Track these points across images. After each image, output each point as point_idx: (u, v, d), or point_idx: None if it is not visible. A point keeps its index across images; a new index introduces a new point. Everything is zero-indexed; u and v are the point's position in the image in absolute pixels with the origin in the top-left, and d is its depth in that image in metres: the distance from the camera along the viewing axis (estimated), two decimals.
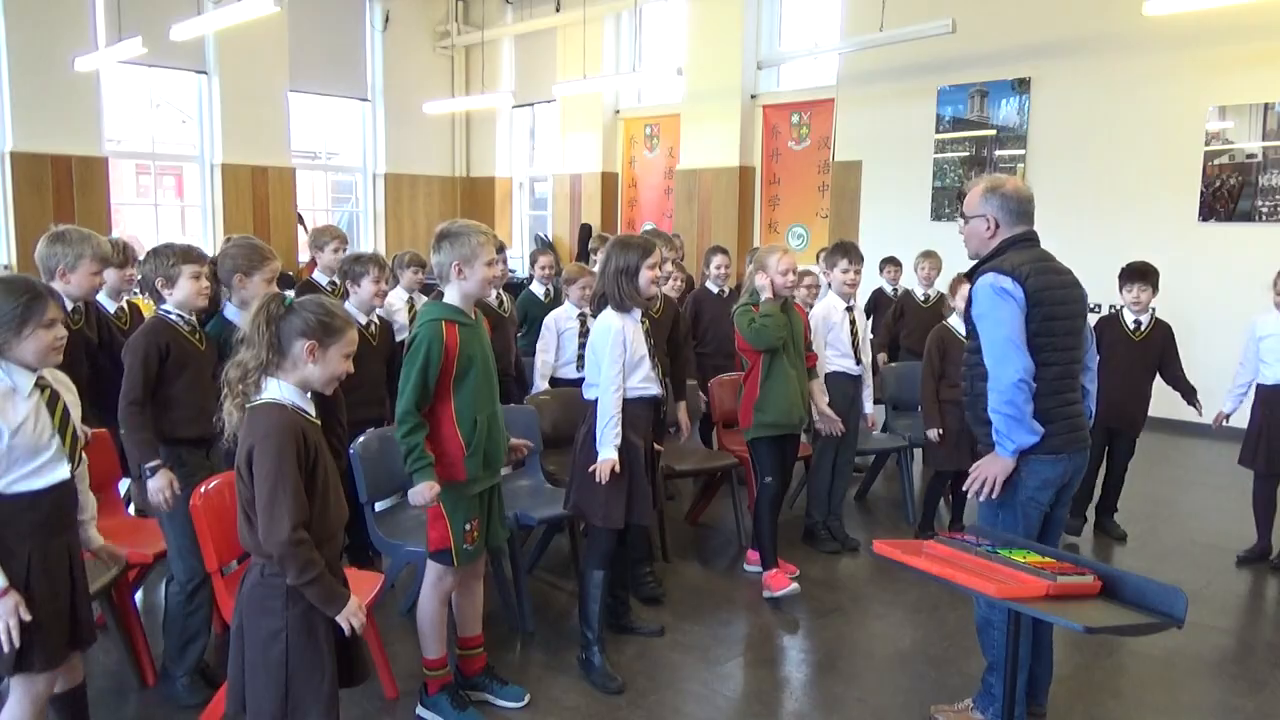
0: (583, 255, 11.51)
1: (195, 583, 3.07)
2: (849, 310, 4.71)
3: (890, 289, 6.74)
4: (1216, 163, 7.41)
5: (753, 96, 10.71)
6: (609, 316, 3.38)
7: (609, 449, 3.28)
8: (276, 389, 2.22)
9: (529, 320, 5.61)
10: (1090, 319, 3.11)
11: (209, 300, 3.30)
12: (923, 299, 6.18)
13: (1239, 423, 4.70)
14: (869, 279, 7.25)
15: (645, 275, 3.35)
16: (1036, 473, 2.84)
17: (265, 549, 2.15)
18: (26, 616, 2.24)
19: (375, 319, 4.24)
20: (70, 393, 2.48)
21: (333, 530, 2.32)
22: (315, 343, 2.21)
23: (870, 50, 8.79)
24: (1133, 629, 2.22)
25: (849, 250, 4.65)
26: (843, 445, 4.74)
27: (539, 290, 5.83)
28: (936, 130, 9.04)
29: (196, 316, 3.22)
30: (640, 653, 3.58)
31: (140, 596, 3.80)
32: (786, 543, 4.91)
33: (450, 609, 3.16)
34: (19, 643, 2.24)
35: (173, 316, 3.11)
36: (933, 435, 4.77)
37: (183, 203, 12.38)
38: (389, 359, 4.19)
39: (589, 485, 3.35)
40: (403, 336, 4.76)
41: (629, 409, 3.37)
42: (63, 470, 2.38)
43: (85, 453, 2.52)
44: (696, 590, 4.26)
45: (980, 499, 2.89)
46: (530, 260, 6.36)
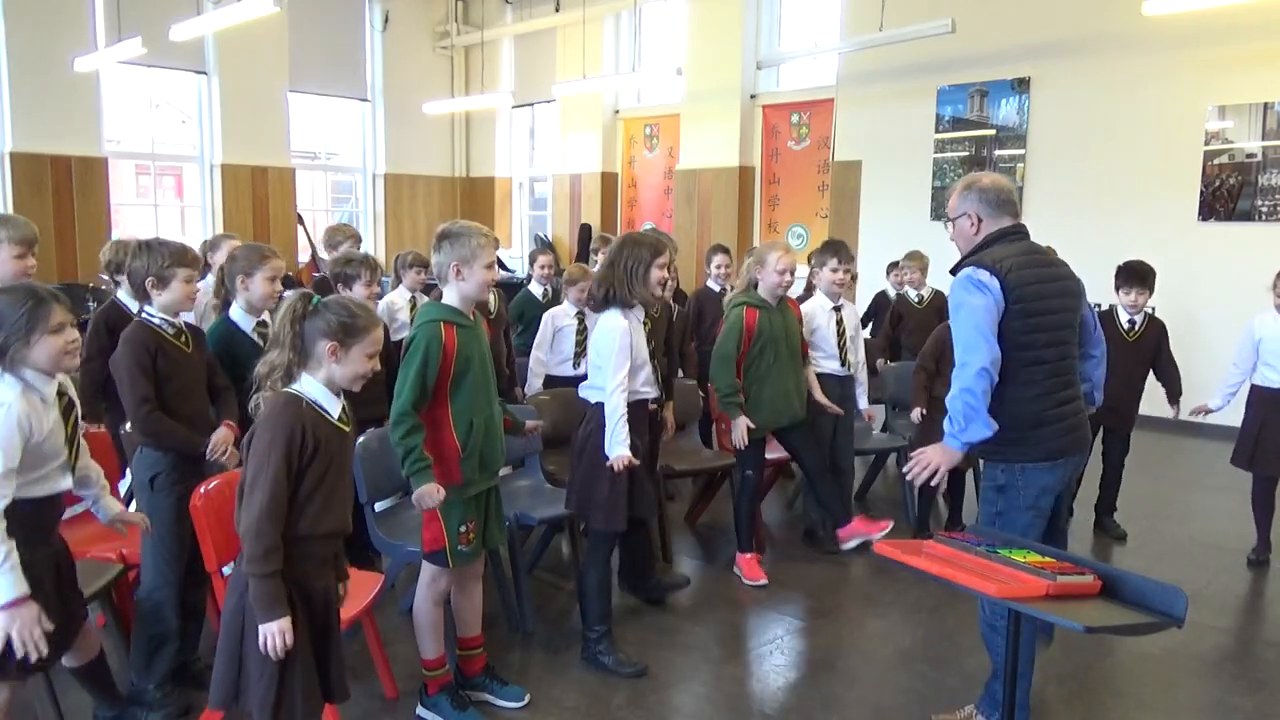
0: (583, 255, 11.51)
1: (163, 591, 2.97)
2: (836, 310, 4.66)
3: (894, 292, 6.73)
4: (1216, 162, 7.41)
5: (752, 96, 10.71)
6: (613, 317, 3.36)
7: (621, 447, 3.28)
8: (304, 383, 2.28)
9: (525, 320, 5.60)
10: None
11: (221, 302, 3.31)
12: (917, 300, 6.13)
13: (1225, 420, 4.71)
14: (875, 282, 7.29)
15: (655, 274, 3.37)
16: (1034, 481, 2.78)
17: (239, 529, 2.18)
18: (49, 626, 2.23)
19: None
20: (77, 401, 2.50)
21: (329, 530, 2.31)
22: (337, 344, 2.25)
23: (870, 50, 8.79)
24: (1132, 629, 2.22)
25: (839, 249, 4.61)
26: (837, 446, 4.70)
27: (537, 290, 5.83)
28: (936, 130, 9.04)
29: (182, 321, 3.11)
30: (641, 652, 3.58)
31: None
32: (787, 542, 4.93)
33: (449, 609, 3.16)
34: (45, 651, 2.23)
35: (155, 321, 2.98)
36: (915, 416, 4.73)
37: (182, 203, 12.38)
38: (386, 359, 4.19)
39: (590, 487, 3.35)
40: (401, 336, 4.77)
41: (630, 410, 3.37)
42: (65, 482, 2.39)
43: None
44: (696, 590, 4.26)
45: (918, 482, 2.83)
46: (530, 260, 6.36)
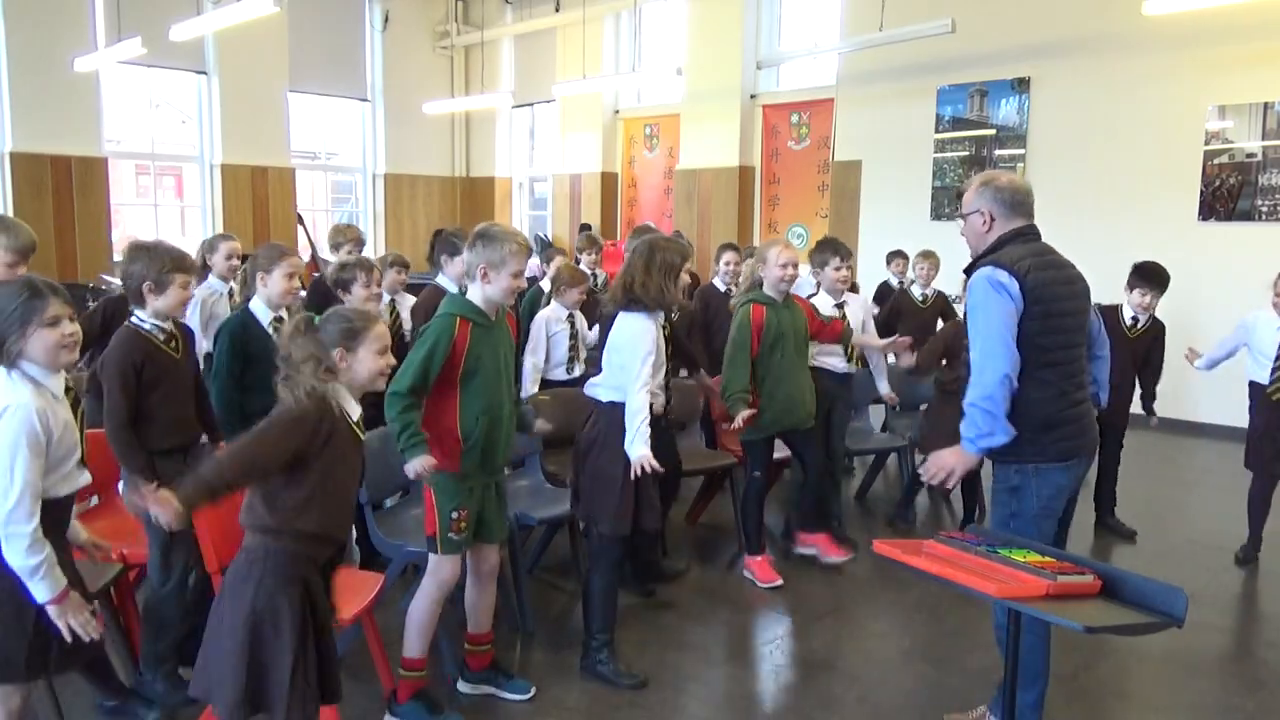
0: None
1: (167, 587, 3.01)
2: (839, 307, 4.67)
3: (896, 281, 6.73)
4: (1216, 162, 7.41)
5: (752, 96, 10.71)
6: (641, 319, 3.32)
7: (642, 446, 3.23)
8: (333, 389, 2.35)
9: (532, 315, 5.59)
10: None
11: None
12: (920, 299, 6.15)
13: (1225, 420, 4.67)
14: (877, 273, 7.29)
15: (684, 278, 3.45)
16: (1050, 481, 2.77)
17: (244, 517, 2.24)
18: (92, 608, 2.28)
19: None
20: (82, 397, 2.51)
21: (329, 532, 2.34)
22: (343, 349, 2.34)
23: (870, 50, 8.79)
24: (1133, 628, 2.22)
25: (838, 247, 4.62)
26: (829, 444, 4.66)
27: (548, 287, 5.83)
28: (936, 130, 9.04)
29: (176, 324, 3.11)
30: (640, 652, 3.58)
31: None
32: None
33: (461, 605, 3.19)
34: (97, 635, 2.27)
35: (146, 326, 2.97)
36: (906, 358, 4.68)
37: (182, 203, 12.38)
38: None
39: (598, 490, 3.32)
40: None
41: None
42: (85, 477, 2.40)
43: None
44: (696, 590, 4.25)
45: (934, 484, 2.82)
46: (545, 260, 6.40)
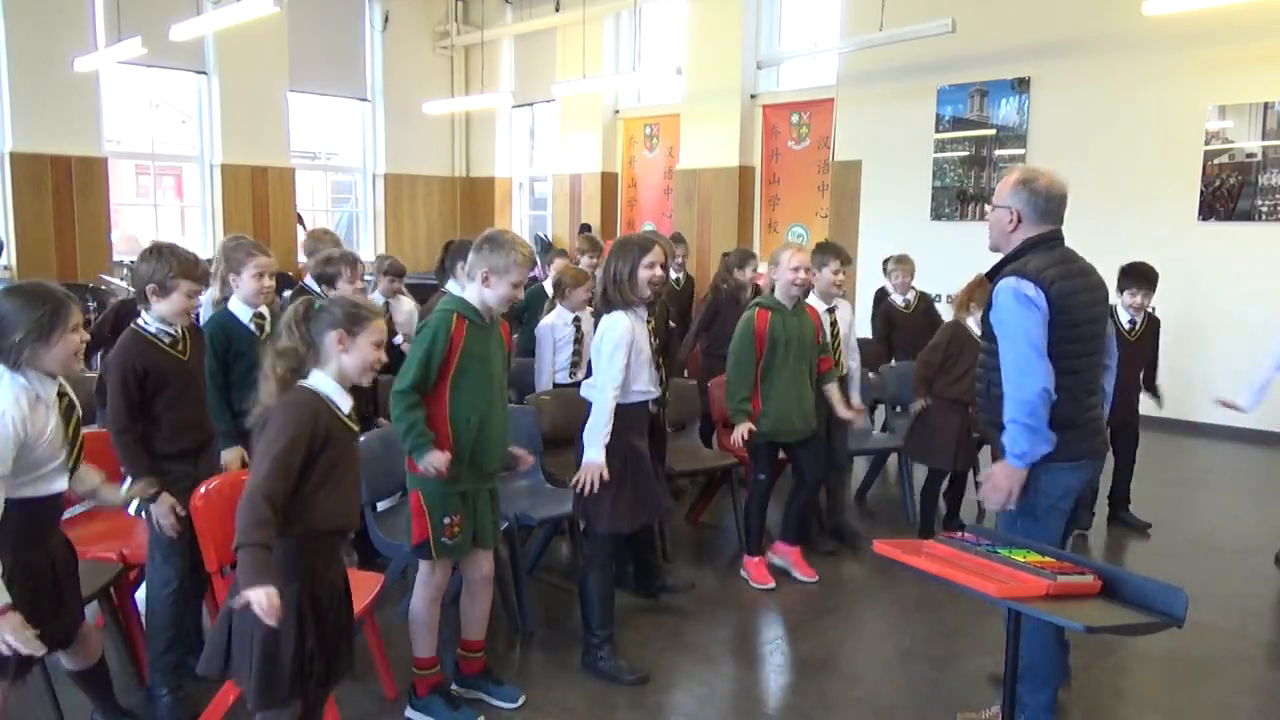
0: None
1: (168, 590, 2.99)
2: (830, 312, 4.62)
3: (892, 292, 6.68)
4: (1216, 162, 7.41)
5: (752, 96, 10.71)
6: (617, 317, 3.34)
7: (597, 450, 3.23)
8: (315, 379, 2.32)
9: (531, 313, 5.60)
10: None
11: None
12: (904, 305, 6.05)
13: (1225, 420, 4.69)
14: (875, 282, 7.28)
15: (643, 274, 3.34)
16: (1059, 481, 2.78)
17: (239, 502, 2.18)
18: (32, 633, 2.18)
19: None
20: (78, 402, 2.49)
21: (337, 526, 2.35)
22: (343, 332, 2.30)
23: (870, 50, 8.79)
24: (1133, 628, 2.22)
25: (839, 252, 4.60)
26: (830, 450, 4.63)
27: (549, 288, 5.84)
28: (936, 130, 9.04)
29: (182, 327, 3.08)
30: (641, 652, 3.58)
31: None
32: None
33: (455, 610, 3.17)
34: (38, 650, 2.21)
35: (151, 330, 2.95)
36: (916, 407, 4.76)
37: (182, 203, 12.38)
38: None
39: (592, 490, 3.32)
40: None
41: (631, 412, 3.36)
42: (61, 483, 2.38)
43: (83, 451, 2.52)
44: (697, 590, 4.25)
45: (995, 510, 2.81)
46: (546, 260, 6.52)
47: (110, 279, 9.67)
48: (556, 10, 12.07)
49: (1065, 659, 3.10)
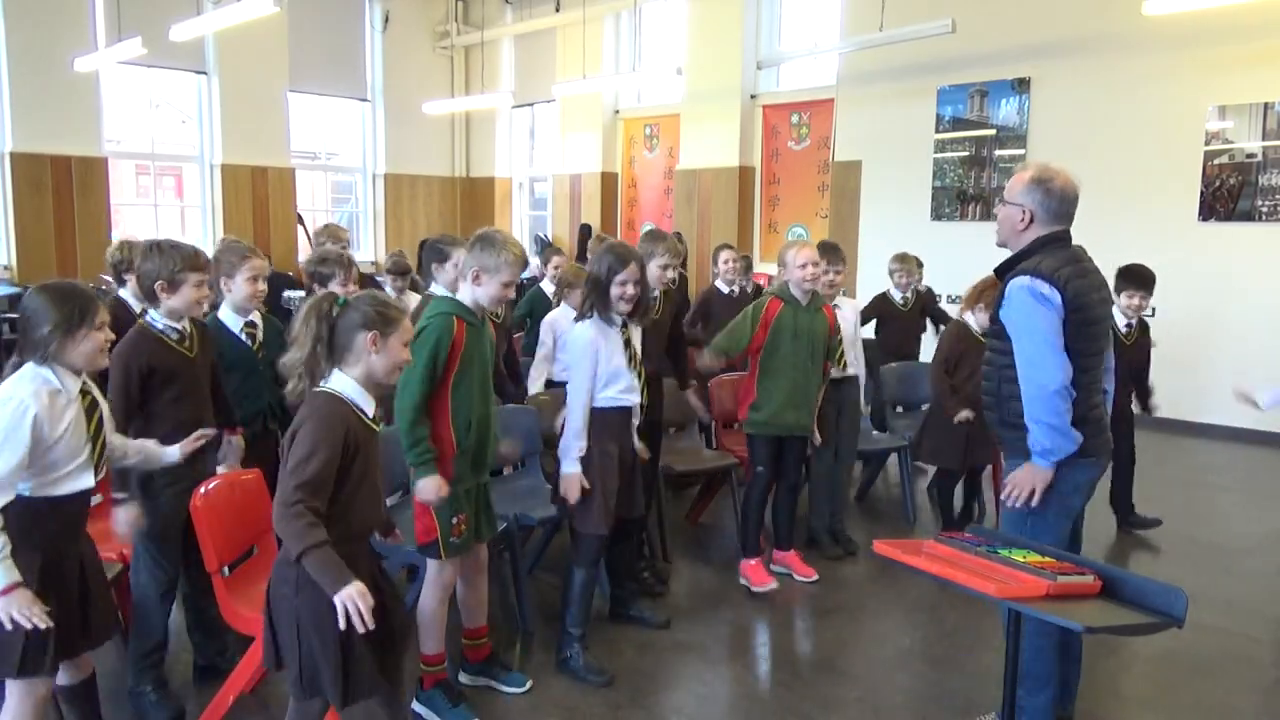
0: (583, 256, 11.50)
1: (156, 589, 3.00)
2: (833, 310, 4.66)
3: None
4: (1216, 162, 7.41)
5: (752, 96, 10.71)
6: (584, 327, 3.35)
7: (570, 463, 3.30)
8: (339, 382, 2.28)
9: (535, 316, 5.60)
10: None
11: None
12: (901, 302, 6.05)
13: (1226, 420, 4.68)
14: (876, 282, 7.28)
15: (614, 291, 3.29)
16: (1070, 478, 2.77)
17: (274, 516, 2.14)
18: (36, 613, 2.21)
19: None
20: (102, 398, 2.50)
21: (358, 531, 2.33)
22: (377, 333, 2.26)
23: (870, 50, 8.79)
24: (1133, 629, 2.22)
25: (829, 250, 4.60)
26: (838, 448, 4.66)
27: (549, 289, 5.86)
28: (936, 130, 9.04)
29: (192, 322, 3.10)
30: (640, 652, 3.58)
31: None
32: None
33: (454, 602, 3.18)
34: (41, 626, 2.23)
35: (159, 326, 2.97)
36: (965, 415, 4.59)
37: (182, 203, 12.37)
38: None
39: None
40: None
41: (605, 418, 3.38)
42: (87, 479, 2.40)
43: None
44: (696, 590, 4.26)
45: (1018, 506, 2.77)
46: (543, 260, 6.46)
47: (111, 279, 9.66)
48: (556, 10, 12.07)
49: (1071, 675, 3.08)
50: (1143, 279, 4.82)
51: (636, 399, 3.48)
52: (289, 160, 12.00)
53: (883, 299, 6.14)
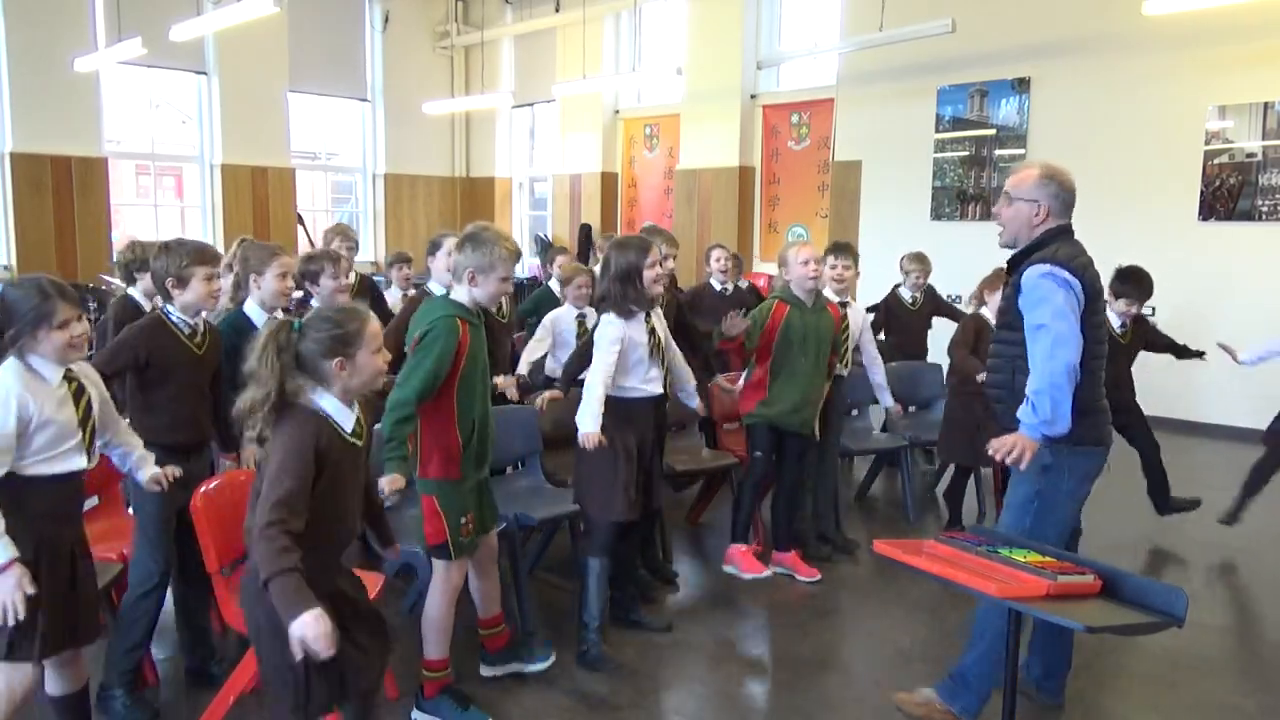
0: (583, 256, 11.49)
1: (147, 587, 2.99)
2: (842, 307, 4.65)
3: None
4: (1216, 162, 7.41)
5: (752, 96, 10.71)
6: (610, 319, 3.44)
7: (590, 422, 3.32)
8: (320, 396, 2.23)
9: (539, 313, 5.59)
10: None
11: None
12: (910, 301, 6.06)
13: (1226, 420, 4.64)
14: (876, 282, 7.28)
15: (648, 275, 3.42)
16: (1078, 466, 2.81)
17: (250, 534, 2.13)
18: (30, 590, 2.24)
19: None
20: (96, 386, 2.53)
21: (328, 542, 2.28)
22: (342, 358, 2.21)
23: (870, 50, 8.79)
24: (1133, 628, 2.22)
25: (837, 247, 4.67)
26: (822, 448, 4.58)
27: (556, 288, 5.84)
28: (936, 130, 9.03)
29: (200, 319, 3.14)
30: (641, 652, 3.58)
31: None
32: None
33: (469, 594, 3.21)
34: (22, 618, 2.24)
35: (174, 318, 3.04)
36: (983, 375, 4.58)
37: (182, 203, 12.37)
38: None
39: (587, 479, 3.43)
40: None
41: (627, 407, 3.42)
42: (80, 460, 2.44)
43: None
44: (696, 590, 4.25)
45: (1009, 462, 2.74)
46: (549, 260, 6.57)
47: (111, 279, 9.65)
48: (556, 10, 12.07)
49: (1059, 664, 3.11)
50: (1140, 283, 4.68)
51: (659, 389, 3.54)
52: (289, 160, 12.00)
53: (894, 297, 6.15)
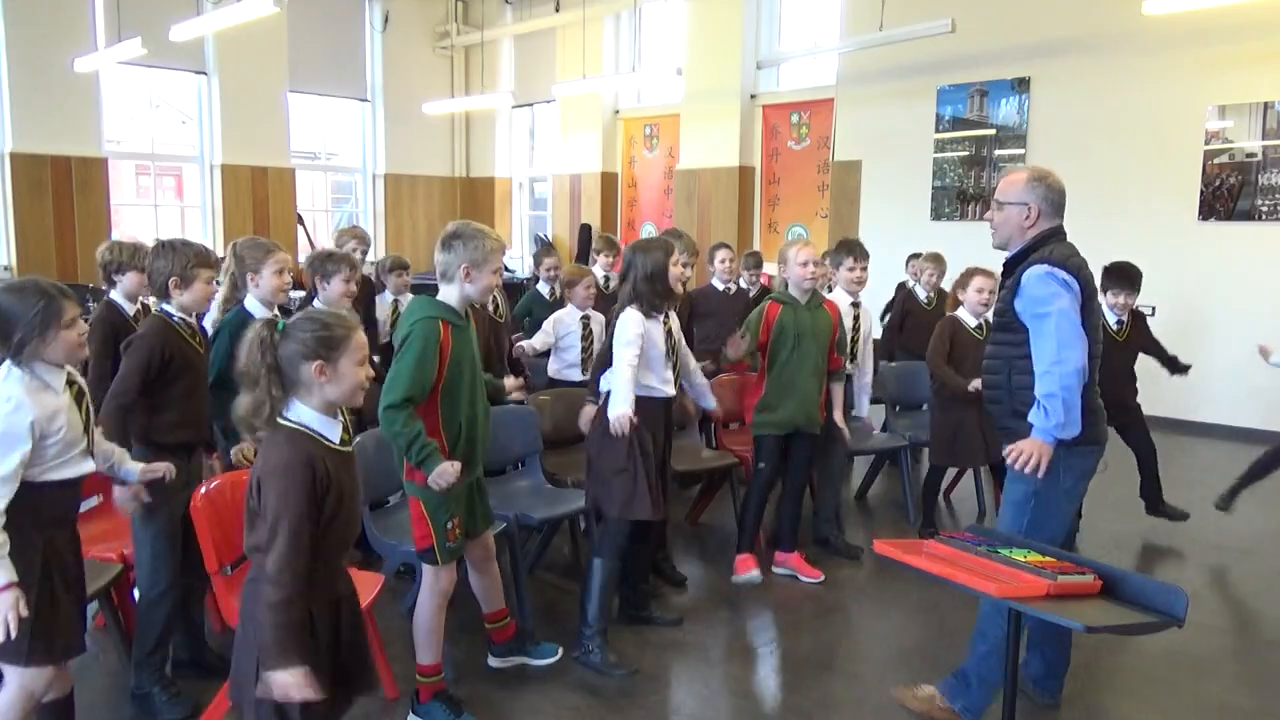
0: (583, 255, 11.50)
1: (158, 592, 3.00)
2: (854, 307, 4.71)
3: (912, 284, 6.70)
4: (1216, 162, 7.41)
5: (752, 96, 10.71)
6: (631, 312, 3.47)
7: (623, 405, 3.34)
8: (297, 413, 2.12)
9: (534, 318, 5.61)
10: None
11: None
12: (925, 300, 6.08)
13: (1226, 420, 4.66)
14: (877, 281, 7.28)
15: (672, 272, 3.51)
16: (1075, 465, 2.82)
17: (259, 569, 2.07)
18: (24, 612, 2.24)
19: None
20: (86, 391, 2.53)
21: (342, 548, 2.26)
22: (322, 362, 2.08)
23: (870, 50, 8.79)
24: (1133, 628, 2.22)
25: (853, 248, 4.67)
26: (826, 450, 4.57)
27: (545, 290, 5.85)
28: (936, 130, 9.04)
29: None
30: (641, 652, 3.58)
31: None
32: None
33: (470, 591, 3.22)
34: (13, 633, 2.23)
35: (175, 318, 3.05)
36: (976, 384, 4.37)
37: (182, 203, 12.37)
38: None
39: (605, 478, 3.41)
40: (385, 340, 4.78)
41: (642, 406, 3.42)
42: (88, 465, 2.45)
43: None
44: (697, 590, 4.25)
45: (1026, 471, 2.74)
46: (535, 261, 6.40)
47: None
48: (556, 10, 12.07)
49: (1060, 663, 3.12)
50: (1127, 277, 4.74)
51: (672, 389, 3.59)
52: (289, 160, 12.00)
53: (908, 297, 6.15)
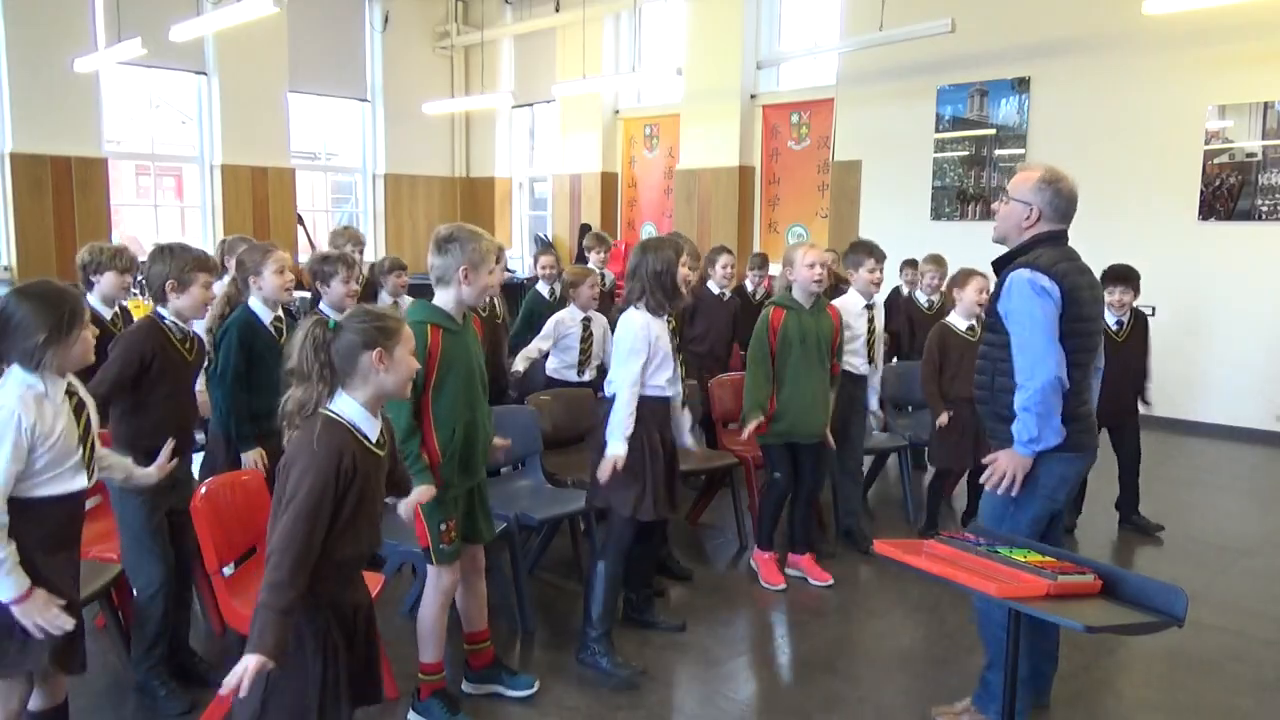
0: (583, 256, 11.49)
1: (153, 590, 3.01)
2: (869, 308, 4.69)
3: (907, 291, 6.70)
4: (1216, 162, 7.41)
5: (752, 96, 10.71)
6: (637, 313, 3.40)
7: (620, 443, 3.29)
8: (342, 405, 2.15)
9: (535, 318, 5.59)
10: None
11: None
12: (927, 305, 6.03)
13: (1225, 420, 4.68)
14: (892, 276, 7.27)
15: (681, 272, 3.52)
16: (1054, 471, 2.81)
17: (271, 552, 2.07)
18: (61, 602, 2.25)
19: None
20: (89, 400, 2.50)
21: (360, 554, 2.25)
22: (381, 350, 2.13)
23: (870, 50, 8.79)
24: (1133, 628, 2.22)
25: (873, 249, 4.66)
26: (844, 448, 4.65)
27: (544, 289, 5.84)
28: (936, 130, 9.04)
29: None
30: (640, 653, 3.58)
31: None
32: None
33: (454, 608, 3.17)
34: (71, 626, 2.25)
35: (167, 321, 3.06)
36: (943, 419, 4.68)
37: (182, 204, 12.37)
38: None
39: (617, 479, 3.35)
40: None
41: (650, 407, 3.41)
42: (81, 480, 2.39)
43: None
44: (696, 590, 4.25)
45: (999, 493, 2.81)
46: (534, 260, 6.40)
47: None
48: (556, 10, 12.07)
49: (1047, 667, 3.11)
50: (1123, 276, 4.83)
51: (679, 389, 3.57)
52: (289, 161, 11.99)
53: (908, 303, 6.12)
